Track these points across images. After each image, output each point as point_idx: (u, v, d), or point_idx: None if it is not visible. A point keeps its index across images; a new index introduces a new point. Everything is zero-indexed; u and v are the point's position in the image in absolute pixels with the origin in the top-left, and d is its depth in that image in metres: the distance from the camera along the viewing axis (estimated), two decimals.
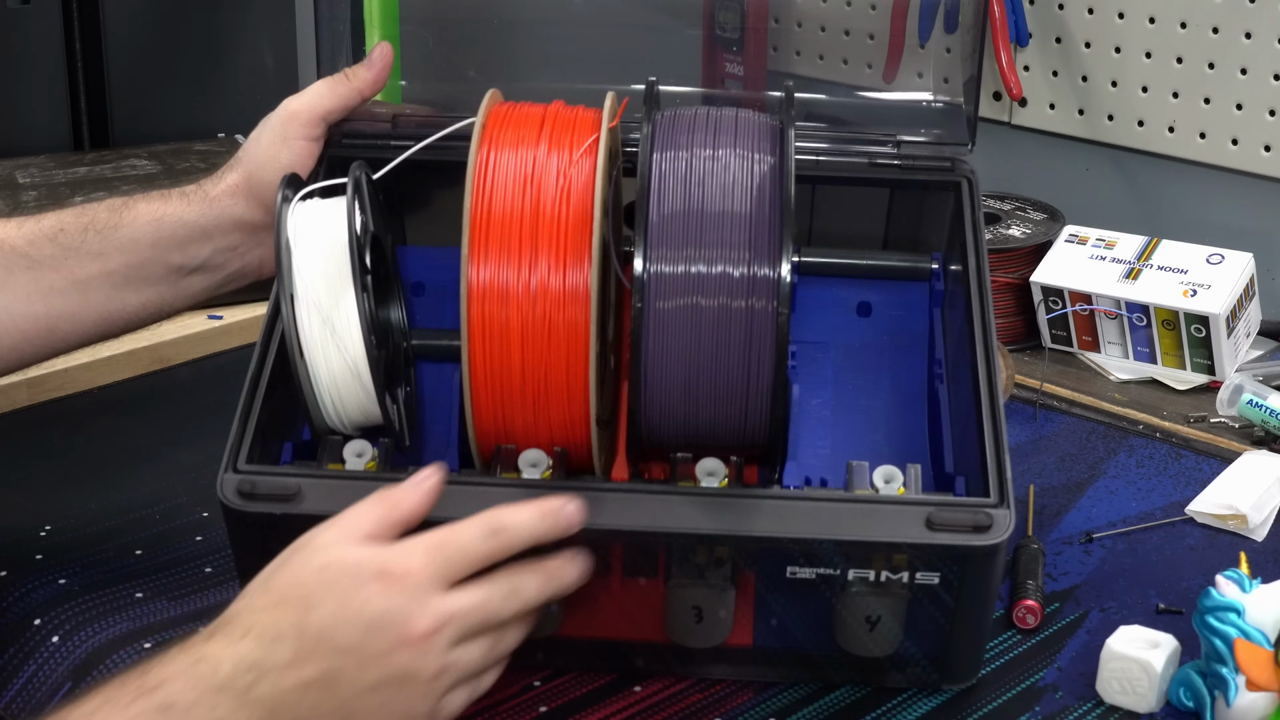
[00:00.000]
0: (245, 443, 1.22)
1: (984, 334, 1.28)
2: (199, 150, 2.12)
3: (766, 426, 1.22)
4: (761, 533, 1.18)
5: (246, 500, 1.18)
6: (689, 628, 1.24)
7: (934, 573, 1.18)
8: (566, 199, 1.22)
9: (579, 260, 1.21)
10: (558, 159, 1.24)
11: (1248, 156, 1.96)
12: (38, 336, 1.37)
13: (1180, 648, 1.28)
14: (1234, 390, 1.73)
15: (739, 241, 1.19)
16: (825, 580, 1.20)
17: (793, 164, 1.21)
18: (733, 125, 1.26)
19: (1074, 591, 1.42)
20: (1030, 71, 2.12)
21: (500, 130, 1.26)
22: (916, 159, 1.47)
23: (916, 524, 1.17)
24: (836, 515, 1.19)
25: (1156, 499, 1.58)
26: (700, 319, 1.19)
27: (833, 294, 1.42)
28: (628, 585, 1.24)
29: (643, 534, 1.19)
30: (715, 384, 1.21)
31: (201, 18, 2.17)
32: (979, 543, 1.16)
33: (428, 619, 1.07)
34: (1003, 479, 1.19)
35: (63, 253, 1.37)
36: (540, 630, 1.20)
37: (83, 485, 1.55)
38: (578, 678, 1.28)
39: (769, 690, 1.28)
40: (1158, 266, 1.85)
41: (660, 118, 1.26)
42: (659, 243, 1.19)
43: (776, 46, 2.27)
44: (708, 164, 1.22)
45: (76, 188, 1.96)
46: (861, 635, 1.23)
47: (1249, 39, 1.92)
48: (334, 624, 1.05)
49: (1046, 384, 1.81)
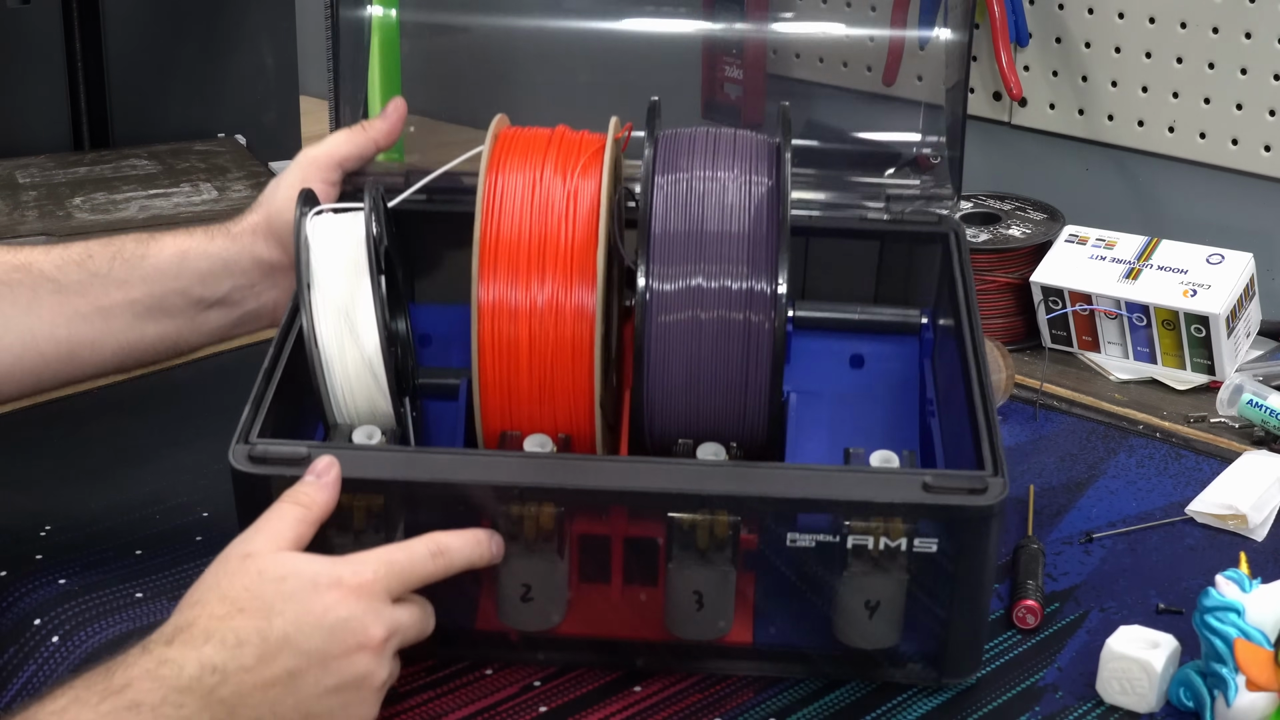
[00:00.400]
0: (257, 421, 1.25)
1: (979, 375, 1.31)
2: (199, 150, 2.12)
3: (765, 424, 1.29)
4: (763, 493, 1.21)
5: (257, 464, 1.20)
6: (689, 617, 1.24)
7: (931, 539, 1.20)
8: (572, 220, 1.29)
9: (585, 278, 1.28)
10: (563, 182, 1.30)
11: (1248, 156, 1.96)
12: (58, 361, 1.39)
13: (1180, 648, 1.28)
14: (1234, 390, 1.73)
15: (737, 257, 1.27)
16: (825, 553, 1.21)
17: (789, 184, 1.28)
18: (731, 146, 1.32)
19: (1074, 591, 1.42)
20: (1030, 71, 2.12)
21: (507, 154, 1.32)
22: (905, 213, 1.55)
23: (914, 488, 1.20)
24: (836, 480, 1.23)
25: (1156, 499, 1.58)
26: (700, 331, 1.28)
27: (826, 346, 1.47)
28: (629, 576, 1.25)
29: (644, 495, 1.21)
30: (715, 384, 1.28)
31: (202, 18, 2.17)
32: (975, 503, 1.19)
33: (382, 627, 1.13)
34: (995, 452, 1.22)
35: (89, 279, 1.39)
36: (541, 625, 1.24)
37: (82, 485, 1.55)
38: (577, 677, 1.28)
39: (769, 690, 1.27)
40: (1158, 266, 1.85)
41: (662, 138, 1.32)
42: (660, 260, 1.27)
43: (776, 50, 2.27)
44: (707, 184, 1.30)
45: (76, 188, 1.97)
46: (861, 624, 1.24)
47: (1249, 39, 1.92)
48: (297, 629, 1.10)
49: (1046, 384, 1.81)
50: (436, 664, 1.29)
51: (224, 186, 1.99)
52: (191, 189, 1.98)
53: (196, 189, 1.98)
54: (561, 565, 1.24)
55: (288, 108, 2.26)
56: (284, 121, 2.25)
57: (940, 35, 1.68)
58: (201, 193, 1.97)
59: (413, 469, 1.23)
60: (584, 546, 1.24)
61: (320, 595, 1.11)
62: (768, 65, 2.24)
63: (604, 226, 1.29)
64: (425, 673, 1.28)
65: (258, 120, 2.23)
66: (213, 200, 1.94)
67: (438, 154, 2.04)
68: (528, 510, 1.21)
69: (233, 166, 2.06)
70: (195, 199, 1.95)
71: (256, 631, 1.09)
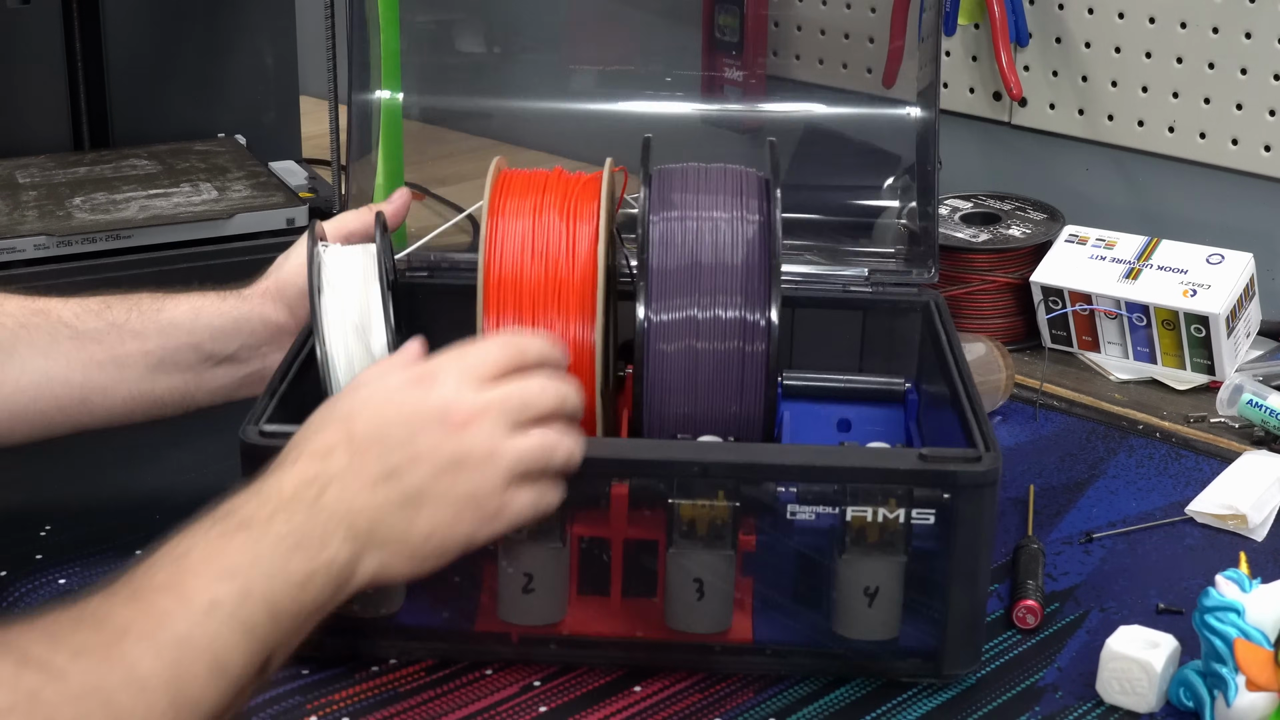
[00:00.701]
0: (269, 408, 1.29)
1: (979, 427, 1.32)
2: (199, 150, 2.12)
3: (760, 425, 1.35)
4: (763, 460, 1.25)
5: (268, 438, 1.23)
6: (690, 607, 1.25)
7: (929, 510, 1.22)
8: (571, 258, 1.36)
9: (585, 315, 1.35)
10: (561, 223, 1.37)
11: (1248, 156, 1.96)
12: (70, 405, 1.41)
13: (1180, 648, 1.28)
14: (1234, 390, 1.73)
15: (731, 289, 1.35)
16: (824, 535, 1.24)
17: (779, 219, 1.36)
18: (722, 182, 1.40)
19: (1074, 591, 1.42)
20: (1030, 71, 2.12)
21: (505, 198, 1.39)
22: (885, 285, 1.62)
23: (910, 459, 1.23)
24: (835, 454, 1.29)
25: (1156, 499, 1.58)
26: (697, 359, 1.35)
27: (814, 411, 1.51)
28: (629, 587, 1.27)
29: (646, 463, 1.24)
30: (712, 406, 1.36)
31: (201, 18, 2.17)
32: (971, 469, 1.22)
33: (465, 407, 1.16)
34: (984, 432, 1.26)
35: (107, 327, 1.42)
36: (543, 620, 1.27)
37: (83, 485, 1.55)
38: (577, 678, 1.28)
39: (769, 690, 1.27)
40: (1158, 266, 1.85)
41: (657, 175, 1.40)
42: (659, 294, 1.35)
43: (777, 51, 2.27)
44: (702, 222, 1.37)
45: (76, 188, 1.96)
46: (860, 613, 1.25)
47: (1249, 39, 1.92)
48: (379, 426, 1.15)
49: (1046, 384, 1.81)
50: (436, 664, 1.29)
51: (224, 186, 1.99)
52: (191, 189, 1.97)
53: (196, 189, 1.98)
54: (564, 554, 1.25)
55: (287, 107, 2.26)
56: (284, 121, 2.25)
57: (912, 113, 1.77)
58: (201, 193, 1.97)
59: None
60: (584, 554, 1.26)
61: (396, 393, 1.17)
62: (768, 68, 2.24)
63: (602, 266, 1.34)
64: (425, 673, 1.28)
65: (257, 120, 2.23)
66: (213, 200, 1.94)
67: (437, 166, 2.08)
68: None
69: (232, 166, 2.06)
70: (195, 199, 1.95)
71: (342, 438, 1.14)
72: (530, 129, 2.19)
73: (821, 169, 1.88)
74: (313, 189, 2.07)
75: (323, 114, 2.13)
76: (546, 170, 1.43)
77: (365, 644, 1.30)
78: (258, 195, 1.97)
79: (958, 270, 1.91)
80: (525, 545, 1.24)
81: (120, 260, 1.84)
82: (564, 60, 1.99)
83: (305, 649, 1.11)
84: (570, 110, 1.95)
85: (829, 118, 2.01)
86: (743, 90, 2.17)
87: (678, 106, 1.92)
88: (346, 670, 1.28)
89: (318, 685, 1.27)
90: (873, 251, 1.74)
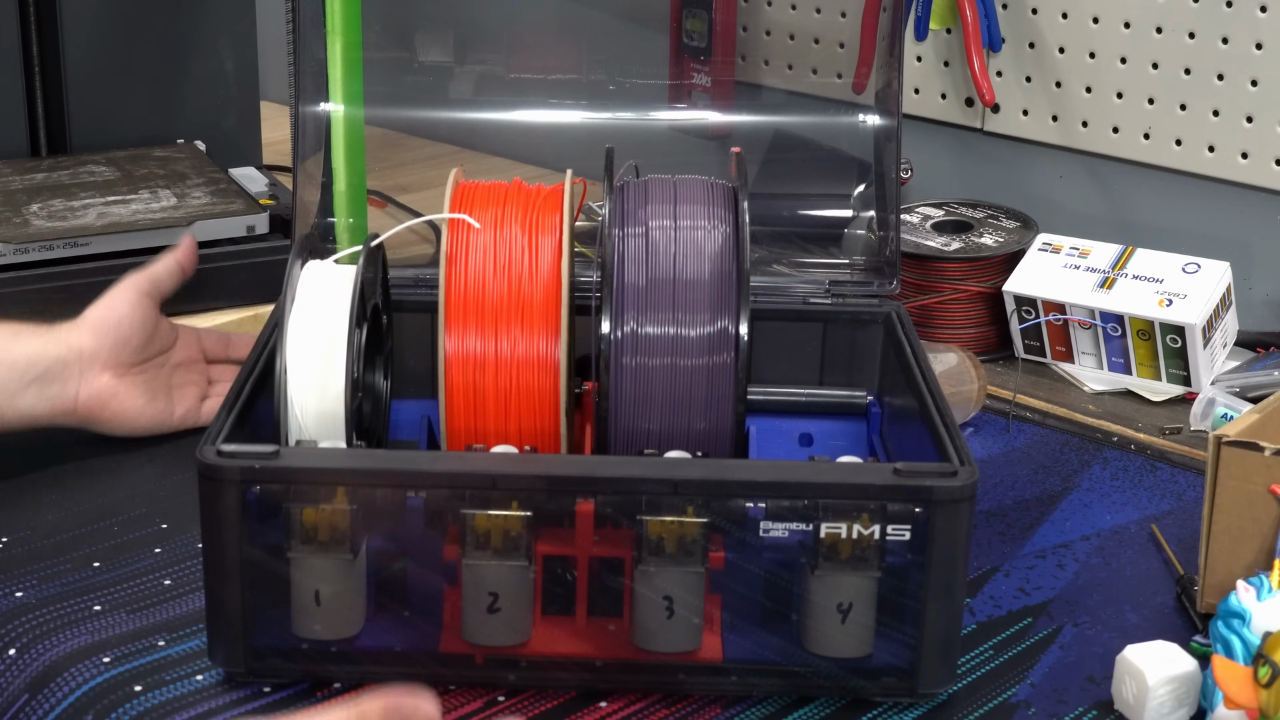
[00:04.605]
0: (226, 426, 1.27)
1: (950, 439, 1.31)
2: (158, 156, 2.09)
3: (730, 440, 1.36)
4: (736, 477, 1.24)
5: (225, 457, 1.21)
6: (659, 625, 1.24)
7: (904, 525, 1.21)
8: (533, 274, 1.37)
9: (547, 329, 1.36)
10: (522, 235, 1.38)
11: (1224, 164, 1.95)
12: None
13: (1199, 673, 1.25)
14: (1207, 404, 1.71)
15: (698, 302, 1.35)
16: (796, 551, 1.23)
17: (747, 231, 1.36)
18: (689, 193, 1.40)
19: (1047, 606, 1.41)
20: (1003, 77, 2.10)
21: (465, 212, 1.39)
22: (846, 296, 1.61)
23: (885, 474, 1.22)
24: (808, 469, 1.27)
25: (1131, 512, 1.57)
26: (664, 373, 1.35)
27: (776, 426, 1.53)
28: (594, 605, 1.25)
29: (615, 480, 1.22)
30: (676, 419, 1.37)
31: (161, 22, 2.15)
32: (947, 484, 1.21)
33: None
34: (958, 446, 1.26)
35: None
36: (509, 640, 1.25)
37: (40, 497, 1.53)
38: (542, 693, 1.27)
39: (736, 706, 1.26)
40: (1133, 276, 1.84)
41: (623, 188, 1.40)
42: (622, 308, 1.35)
43: (745, 55, 2.26)
44: (666, 233, 1.37)
45: (34, 194, 1.94)
46: (833, 629, 1.24)
47: (1225, 44, 1.91)
48: None
49: (1019, 395, 1.80)
50: None
51: (183, 193, 1.96)
52: (150, 195, 1.95)
53: (155, 195, 1.95)
54: (529, 573, 1.23)
55: (248, 113, 2.23)
56: (244, 127, 2.23)
57: (868, 120, 1.77)
58: (160, 199, 1.94)
59: (374, 462, 1.27)
60: (549, 572, 1.24)
61: None
62: (736, 73, 2.23)
63: (566, 281, 1.36)
64: None
65: (217, 126, 2.21)
66: (171, 207, 1.92)
67: (399, 174, 2.07)
68: (494, 516, 1.21)
69: (192, 173, 2.03)
70: (154, 205, 1.92)
71: None
72: (493, 136, 2.18)
73: (790, 177, 1.88)
74: (274, 195, 2.04)
75: (283, 119, 2.10)
76: (506, 182, 1.43)
77: (327, 668, 1.27)
78: (217, 202, 1.95)
79: (929, 279, 1.89)
80: (490, 564, 1.22)
81: (78, 268, 1.82)
82: (528, 66, 1.98)
83: (266, 672, 1.09)
84: (535, 117, 1.94)
85: (797, 124, 2.01)
86: (711, 96, 2.16)
87: (644, 112, 1.92)
88: (310, 688, 1.26)
89: (279, 705, 1.24)
90: (833, 262, 1.74)
